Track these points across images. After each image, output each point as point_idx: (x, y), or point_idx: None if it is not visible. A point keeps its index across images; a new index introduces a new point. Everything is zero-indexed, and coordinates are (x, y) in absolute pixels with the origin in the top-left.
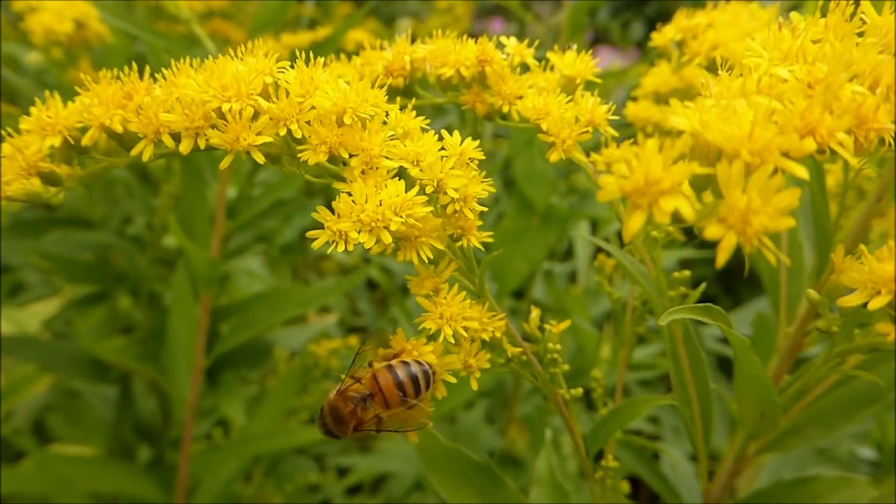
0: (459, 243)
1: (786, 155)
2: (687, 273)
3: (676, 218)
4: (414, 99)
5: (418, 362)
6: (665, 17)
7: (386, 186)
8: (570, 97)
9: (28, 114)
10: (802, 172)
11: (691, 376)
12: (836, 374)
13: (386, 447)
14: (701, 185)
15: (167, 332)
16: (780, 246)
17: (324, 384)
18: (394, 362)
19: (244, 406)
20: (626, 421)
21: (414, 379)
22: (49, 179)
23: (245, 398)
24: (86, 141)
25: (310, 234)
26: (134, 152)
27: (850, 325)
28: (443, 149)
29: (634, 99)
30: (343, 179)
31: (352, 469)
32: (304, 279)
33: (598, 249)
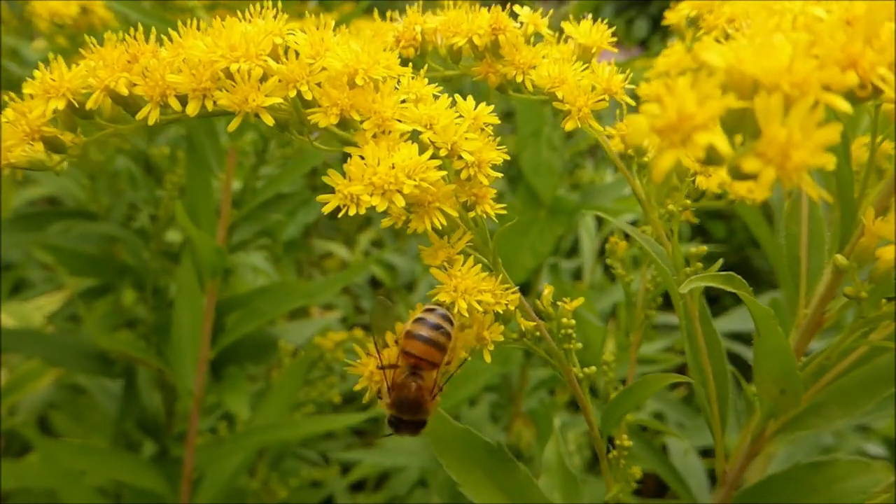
0: (473, 214)
1: (826, 89)
2: (704, 248)
3: (711, 156)
4: (426, 68)
5: (429, 309)
6: None
7: (399, 150)
8: (585, 66)
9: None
10: (845, 106)
11: (708, 355)
12: (863, 344)
13: (389, 443)
14: (733, 126)
15: (172, 324)
16: (800, 222)
17: (329, 378)
18: (409, 326)
19: (249, 402)
20: (640, 399)
21: (438, 327)
22: (52, 145)
23: (250, 394)
24: (90, 104)
25: (320, 198)
26: (139, 116)
27: (878, 292)
28: (459, 115)
29: (647, 80)
30: (353, 146)
31: (356, 465)
32: (307, 276)
33: (605, 245)
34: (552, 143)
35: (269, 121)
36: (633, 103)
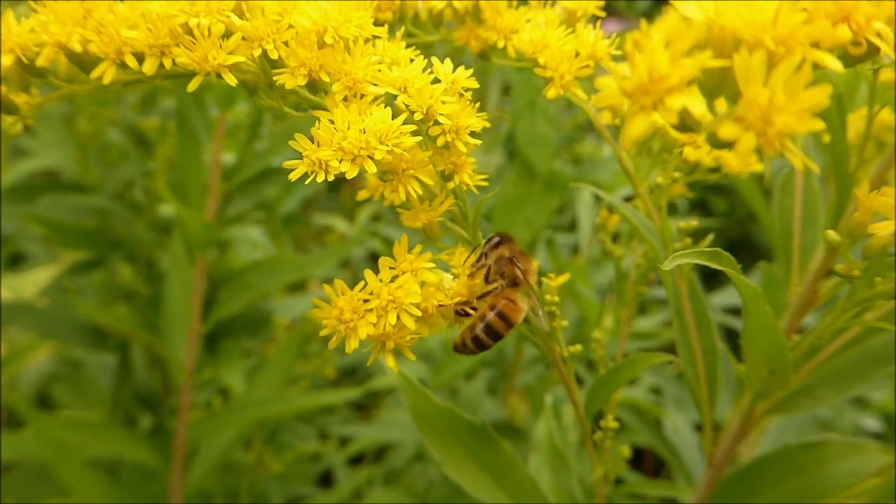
0: (452, 184)
1: (815, 46)
2: (694, 223)
3: (685, 122)
4: (402, 30)
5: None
6: None
7: (371, 114)
8: (570, 30)
9: None
10: (835, 64)
11: (697, 334)
12: (855, 325)
13: (387, 417)
14: (712, 89)
15: (163, 298)
16: (793, 195)
17: (324, 353)
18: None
19: (244, 376)
20: (625, 379)
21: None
22: (4, 106)
23: (245, 368)
24: (41, 61)
25: (287, 164)
26: (94, 74)
27: (871, 271)
28: (436, 80)
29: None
30: (323, 111)
31: (353, 438)
32: (306, 250)
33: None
34: (548, 115)
35: (231, 81)
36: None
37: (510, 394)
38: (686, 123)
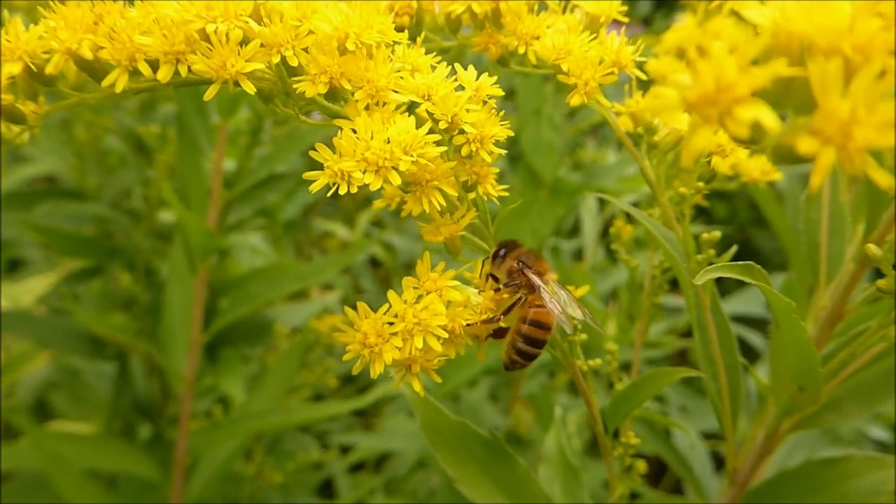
0: (473, 195)
1: (893, 54)
2: (717, 234)
3: (756, 133)
4: (423, 36)
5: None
6: None
7: (394, 123)
8: (593, 37)
9: None
10: None
11: (719, 347)
12: (886, 341)
13: (388, 425)
14: (776, 99)
15: (163, 306)
16: (820, 206)
17: (326, 361)
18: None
19: (245, 384)
20: (648, 395)
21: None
22: (11, 116)
23: (246, 376)
24: (50, 69)
25: (307, 175)
26: (106, 82)
27: None
28: (460, 87)
29: (655, 56)
30: (343, 119)
31: (354, 447)
32: (307, 256)
33: (607, 226)
34: (553, 121)
35: (250, 89)
36: (644, 77)
37: (514, 403)
38: (753, 136)
